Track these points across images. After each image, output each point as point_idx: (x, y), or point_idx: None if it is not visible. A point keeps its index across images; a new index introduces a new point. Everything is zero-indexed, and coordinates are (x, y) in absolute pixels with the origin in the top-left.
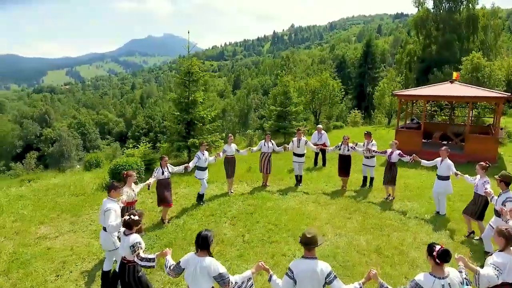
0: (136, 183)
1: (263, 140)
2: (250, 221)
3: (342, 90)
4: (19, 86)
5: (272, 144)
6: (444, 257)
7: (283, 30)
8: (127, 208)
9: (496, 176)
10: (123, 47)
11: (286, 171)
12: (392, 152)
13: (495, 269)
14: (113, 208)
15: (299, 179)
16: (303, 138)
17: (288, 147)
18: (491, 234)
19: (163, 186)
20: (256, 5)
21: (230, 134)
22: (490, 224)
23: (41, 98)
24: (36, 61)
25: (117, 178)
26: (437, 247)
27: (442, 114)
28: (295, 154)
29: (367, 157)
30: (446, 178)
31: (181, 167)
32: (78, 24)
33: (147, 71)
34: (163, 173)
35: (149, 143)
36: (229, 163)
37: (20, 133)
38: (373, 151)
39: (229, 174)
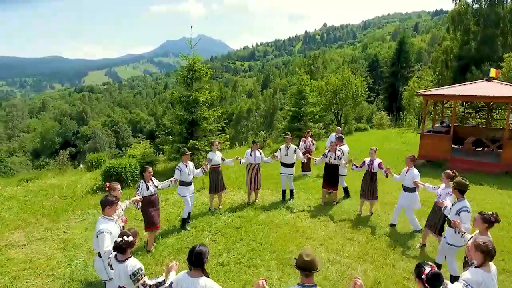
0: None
1: (249, 150)
2: (234, 237)
3: (367, 89)
4: (63, 86)
5: (260, 153)
6: (433, 281)
7: (315, 29)
8: None
9: (450, 183)
10: (158, 48)
11: None
12: (372, 161)
13: (465, 287)
14: (108, 230)
15: (290, 194)
16: (292, 146)
17: (277, 156)
18: (446, 248)
19: (150, 205)
20: (288, 5)
21: (214, 141)
22: (444, 236)
23: (80, 97)
24: (78, 62)
25: (110, 181)
26: (427, 269)
27: (478, 117)
28: (282, 164)
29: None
30: (413, 189)
31: (167, 182)
32: (117, 27)
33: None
34: (148, 188)
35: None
36: (216, 174)
37: (59, 130)
38: (338, 158)
39: (215, 187)
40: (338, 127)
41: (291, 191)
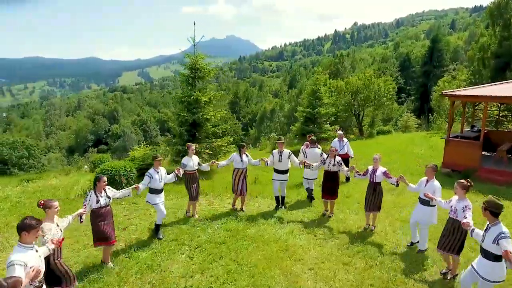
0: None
1: (236, 153)
2: (213, 255)
3: (397, 90)
4: (98, 86)
5: (248, 157)
6: None
7: (345, 28)
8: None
9: (481, 203)
10: (189, 49)
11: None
12: (375, 170)
13: None
14: (22, 261)
15: (280, 201)
16: (286, 151)
17: (267, 162)
18: (473, 280)
19: (100, 218)
20: (318, 5)
21: (189, 144)
22: (473, 266)
23: (112, 97)
24: (113, 63)
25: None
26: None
27: None
28: (276, 171)
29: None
30: (431, 203)
31: (127, 190)
32: (150, 28)
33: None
34: (97, 200)
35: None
36: (191, 181)
37: (92, 128)
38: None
39: (193, 195)
40: (339, 131)
41: (283, 199)
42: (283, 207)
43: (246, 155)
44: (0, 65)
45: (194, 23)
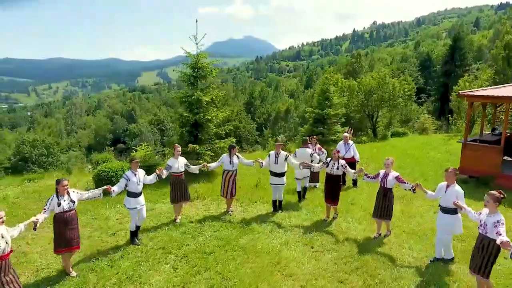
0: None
1: (226, 154)
2: (199, 266)
3: (416, 90)
4: (119, 86)
5: (239, 158)
6: None
7: (364, 28)
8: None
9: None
10: (207, 50)
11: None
12: (386, 175)
13: None
14: None
15: (278, 206)
16: (283, 153)
17: (263, 163)
18: None
19: (63, 223)
20: (335, 4)
21: (175, 145)
22: None
23: (130, 97)
24: (133, 64)
25: (101, 186)
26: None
27: None
28: (272, 173)
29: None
30: (454, 211)
31: (97, 191)
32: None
33: (226, 72)
34: (59, 204)
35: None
36: (177, 184)
37: (110, 127)
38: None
39: (177, 197)
40: (345, 133)
41: (280, 203)
42: (280, 211)
43: (237, 156)
44: (27, 66)
45: (196, 21)
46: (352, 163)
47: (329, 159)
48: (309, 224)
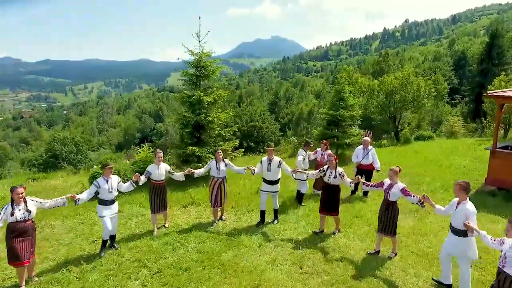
0: None
1: (213, 160)
2: (170, 284)
3: (433, 90)
4: (149, 86)
5: (227, 165)
6: None
7: (395, 26)
8: None
9: None
10: (234, 50)
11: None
12: (390, 186)
13: None
14: None
15: (274, 215)
16: (276, 158)
17: (255, 170)
18: None
19: (14, 234)
20: (365, 3)
21: (157, 150)
22: None
23: (159, 97)
24: (162, 64)
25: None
26: None
27: None
28: (264, 181)
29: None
30: (464, 233)
31: (60, 200)
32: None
33: (253, 72)
34: (12, 213)
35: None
36: (156, 192)
37: (139, 126)
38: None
39: (156, 207)
40: (365, 137)
41: (275, 212)
42: (275, 221)
43: (226, 163)
44: (65, 67)
45: (199, 17)
46: (369, 171)
47: (325, 166)
48: (304, 238)
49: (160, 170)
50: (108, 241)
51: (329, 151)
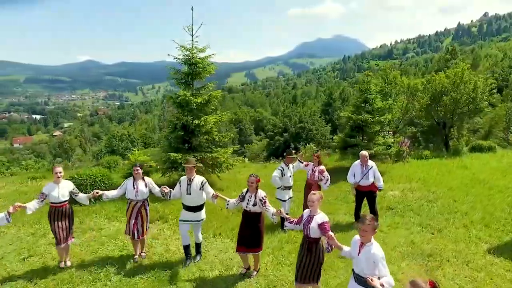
0: None
1: (130, 178)
2: None
3: (495, 91)
4: None
5: (146, 185)
6: None
7: (472, 21)
8: None
9: None
10: (294, 50)
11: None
12: (310, 218)
13: None
14: None
15: (196, 250)
16: (198, 178)
17: (170, 193)
18: None
19: None
20: None
21: (55, 165)
22: None
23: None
24: (224, 65)
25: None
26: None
27: None
28: (184, 207)
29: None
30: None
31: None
32: (258, 31)
33: (311, 72)
34: None
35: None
36: (57, 217)
37: None
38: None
39: (60, 237)
40: (363, 152)
41: (198, 246)
42: (198, 257)
43: (146, 183)
44: (137, 69)
45: (192, 9)
46: (371, 193)
47: (245, 189)
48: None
49: (61, 189)
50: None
51: (322, 167)
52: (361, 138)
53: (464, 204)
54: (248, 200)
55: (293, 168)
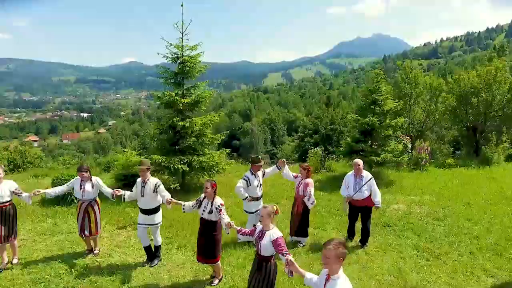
0: None
1: (77, 178)
2: None
3: None
4: (247, 86)
5: (93, 186)
6: None
7: None
8: None
9: None
10: (332, 50)
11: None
12: (262, 233)
13: None
14: None
15: (154, 252)
16: (153, 180)
17: (125, 195)
18: None
19: None
20: None
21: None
22: None
23: (250, 97)
24: (261, 66)
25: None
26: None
27: None
28: (140, 210)
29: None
30: None
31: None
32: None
33: (349, 72)
34: None
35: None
36: (2, 217)
37: (228, 124)
38: None
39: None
40: (356, 160)
41: (157, 248)
42: (157, 261)
43: (93, 183)
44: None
45: (182, 5)
46: (365, 208)
47: (202, 195)
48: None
49: (3, 189)
50: None
51: (308, 181)
52: (369, 143)
53: (478, 225)
54: (205, 207)
55: (263, 175)
